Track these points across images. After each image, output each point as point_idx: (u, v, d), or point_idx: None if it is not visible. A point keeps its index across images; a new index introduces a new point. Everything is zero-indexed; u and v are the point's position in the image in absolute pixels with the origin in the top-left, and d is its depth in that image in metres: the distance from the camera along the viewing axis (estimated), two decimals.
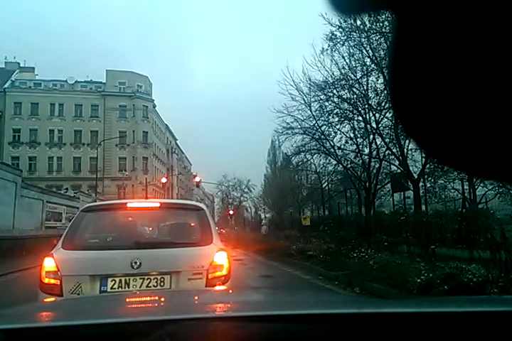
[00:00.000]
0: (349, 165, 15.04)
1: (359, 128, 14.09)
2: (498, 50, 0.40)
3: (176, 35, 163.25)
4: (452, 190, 13.02)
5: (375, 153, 14.11)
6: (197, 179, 40.74)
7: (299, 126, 14.94)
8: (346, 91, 13.44)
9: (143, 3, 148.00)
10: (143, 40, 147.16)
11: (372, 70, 12.64)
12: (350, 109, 13.58)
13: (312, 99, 14.08)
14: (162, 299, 2.02)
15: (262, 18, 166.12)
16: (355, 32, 12.19)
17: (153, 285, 3.27)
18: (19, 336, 0.97)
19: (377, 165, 14.57)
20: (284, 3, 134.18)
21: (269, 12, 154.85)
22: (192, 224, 3.96)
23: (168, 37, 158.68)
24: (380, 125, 13.14)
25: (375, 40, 11.85)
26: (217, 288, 3.24)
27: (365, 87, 13.10)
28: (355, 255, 9.41)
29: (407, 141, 11.31)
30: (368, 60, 12.53)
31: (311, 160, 17.44)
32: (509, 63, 0.41)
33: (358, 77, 13.02)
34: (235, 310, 1.42)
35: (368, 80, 13.02)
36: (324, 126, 14.40)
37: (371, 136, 13.72)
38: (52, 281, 3.18)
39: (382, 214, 14.75)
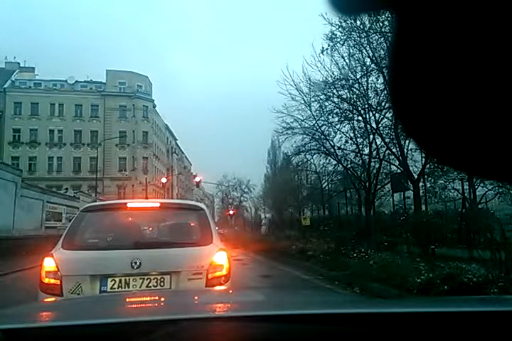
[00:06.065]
0: (349, 165, 15.02)
1: (359, 128, 14.08)
2: (498, 50, 0.40)
3: (176, 35, 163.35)
4: (452, 190, 13.03)
5: (375, 153, 14.09)
6: (197, 179, 40.72)
7: (298, 126, 14.92)
8: (346, 91, 13.43)
9: (143, 4, 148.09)
10: (143, 40, 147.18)
11: (372, 70, 12.63)
12: (350, 109, 13.56)
13: (312, 99, 14.07)
14: (162, 299, 2.02)
15: (262, 18, 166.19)
16: (355, 31, 12.19)
17: (153, 285, 3.27)
18: (19, 336, 0.97)
19: (377, 165, 14.56)
20: (284, 3, 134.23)
21: (269, 12, 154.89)
22: (192, 224, 3.96)
23: (167, 36, 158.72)
24: (380, 125, 13.12)
25: (375, 40, 11.84)
26: (217, 288, 3.24)
27: (365, 87, 13.09)
28: (355, 255, 9.40)
29: (407, 141, 11.30)
30: (368, 60, 12.52)
31: (311, 160, 17.41)
32: (509, 63, 0.41)
33: (357, 77, 13.01)
34: (235, 310, 1.42)
35: (367, 80, 13.01)
36: (324, 126, 14.39)
37: (371, 136, 13.71)
38: (52, 281, 3.17)
39: (382, 214, 14.78)
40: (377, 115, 13.12)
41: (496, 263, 5.44)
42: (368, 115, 13.41)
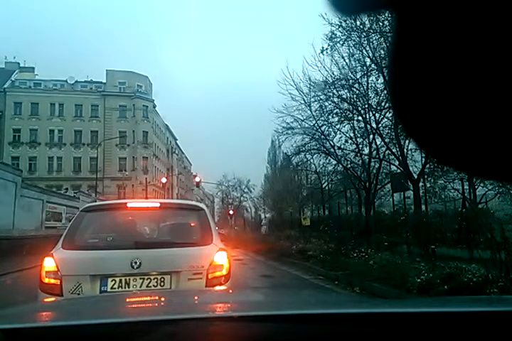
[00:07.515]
0: (349, 165, 15.03)
1: (359, 128, 14.10)
2: (498, 50, 0.40)
3: (176, 35, 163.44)
4: (452, 190, 13.04)
5: (375, 153, 14.11)
6: (197, 179, 40.67)
7: (299, 126, 14.94)
8: (346, 91, 13.45)
9: (143, 4, 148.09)
10: (144, 40, 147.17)
11: (372, 70, 12.64)
12: (350, 109, 13.58)
13: (312, 99, 14.08)
14: (162, 299, 2.02)
15: (262, 18, 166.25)
16: (355, 31, 12.19)
17: (153, 285, 3.27)
18: (19, 336, 0.97)
19: (377, 165, 14.57)
20: (284, 3, 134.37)
21: (269, 12, 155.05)
22: (192, 224, 3.95)
23: (168, 37, 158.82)
24: (380, 125, 13.14)
25: (375, 40, 11.86)
26: (217, 288, 3.24)
27: (365, 87, 13.10)
28: (355, 255, 9.41)
29: (407, 141, 11.31)
30: (368, 60, 12.54)
31: (311, 160, 17.43)
32: (509, 63, 0.41)
33: (357, 77, 13.03)
34: (235, 310, 1.42)
35: (367, 80, 13.03)
36: (324, 126, 14.40)
37: (371, 136, 13.72)
38: (52, 281, 3.17)
39: (382, 214, 14.76)
40: (377, 115, 13.13)
41: (496, 263, 5.44)
42: (368, 115, 13.42)
